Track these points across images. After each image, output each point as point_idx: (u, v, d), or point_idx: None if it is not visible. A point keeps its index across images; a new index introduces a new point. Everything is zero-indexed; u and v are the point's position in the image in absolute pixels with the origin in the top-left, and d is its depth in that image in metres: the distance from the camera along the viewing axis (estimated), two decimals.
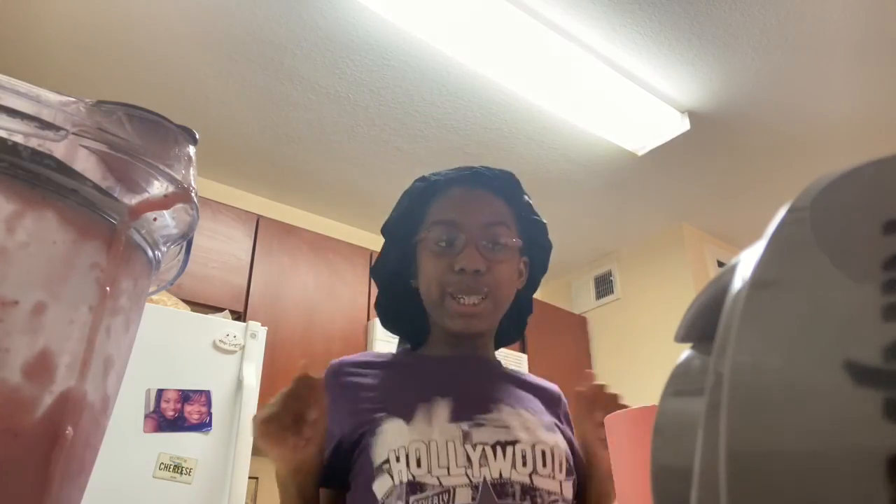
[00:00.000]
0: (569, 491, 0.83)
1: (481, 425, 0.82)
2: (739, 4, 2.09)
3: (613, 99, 2.45)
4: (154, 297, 1.91)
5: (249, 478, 1.95)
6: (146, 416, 1.82)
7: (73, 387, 0.31)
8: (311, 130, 2.66)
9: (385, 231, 0.98)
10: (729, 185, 3.08)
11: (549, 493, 0.80)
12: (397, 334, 1.03)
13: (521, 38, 2.17)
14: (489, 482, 0.77)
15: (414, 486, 0.76)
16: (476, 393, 0.88)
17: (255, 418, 0.76)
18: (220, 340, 2.03)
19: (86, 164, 0.33)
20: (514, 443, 0.81)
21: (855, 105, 2.58)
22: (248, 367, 2.04)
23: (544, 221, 1.00)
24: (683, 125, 2.60)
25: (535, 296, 1.06)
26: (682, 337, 0.23)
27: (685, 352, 0.24)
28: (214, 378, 1.96)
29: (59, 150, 0.32)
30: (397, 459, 0.78)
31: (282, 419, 0.75)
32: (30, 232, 0.31)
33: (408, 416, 0.81)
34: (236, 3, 2.08)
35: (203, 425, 1.89)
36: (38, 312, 0.30)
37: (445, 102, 2.53)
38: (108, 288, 0.33)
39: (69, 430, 0.31)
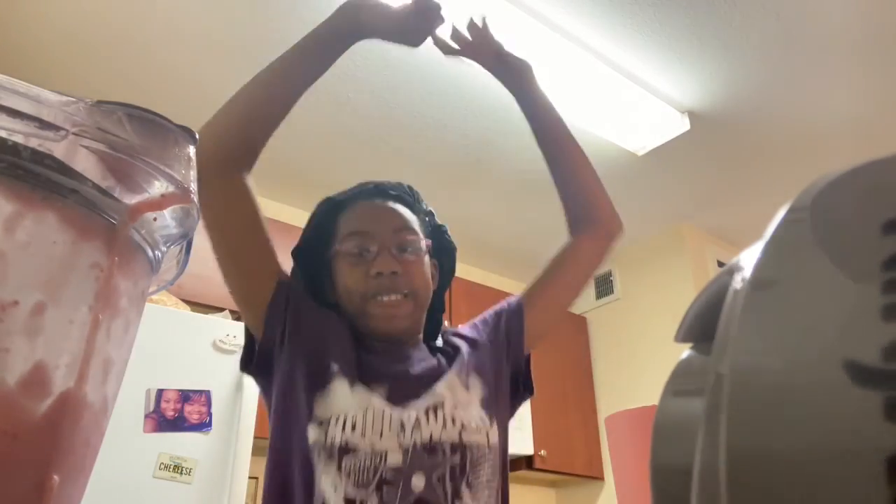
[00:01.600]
0: (494, 437, 0.88)
1: (417, 398, 0.86)
2: (739, 4, 2.09)
3: (613, 99, 2.45)
4: (154, 297, 1.91)
5: (249, 478, 1.95)
6: (146, 416, 1.82)
7: (72, 387, 0.31)
8: (310, 130, 2.66)
9: (295, 254, 1.02)
10: (729, 185, 3.08)
11: (478, 446, 0.85)
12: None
13: (521, 38, 2.17)
14: (419, 445, 0.82)
15: (346, 448, 0.80)
16: (406, 381, 0.90)
17: None
18: (220, 340, 2.03)
19: (86, 164, 0.33)
20: (443, 405, 0.86)
21: (855, 105, 2.58)
22: None
23: (443, 225, 1.07)
24: (683, 125, 2.60)
25: None
26: (682, 337, 0.23)
27: (685, 352, 0.24)
28: (214, 378, 1.96)
29: (59, 150, 0.32)
30: (336, 422, 0.82)
31: None
32: (30, 232, 0.31)
33: (352, 381, 0.85)
34: (236, 4, 2.08)
35: (203, 425, 1.89)
36: (37, 313, 0.30)
37: (445, 102, 2.53)
38: (108, 288, 0.33)
39: (56, 479, 0.30)
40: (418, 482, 0.80)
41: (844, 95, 2.52)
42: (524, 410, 3.07)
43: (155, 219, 0.37)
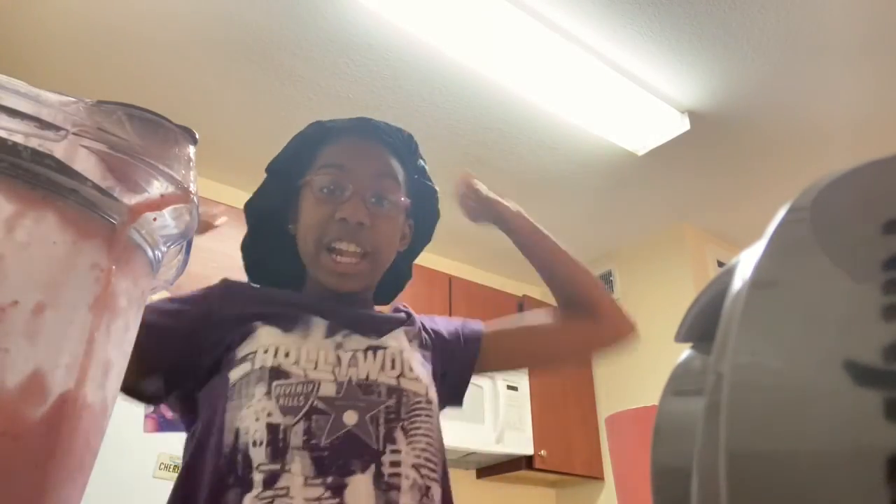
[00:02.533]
0: (434, 394, 0.83)
1: (353, 334, 0.81)
2: (739, 4, 2.09)
3: (613, 99, 2.45)
4: (154, 297, 1.90)
5: None
6: (146, 416, 1.81)
7: (72, 388, 0.31)
8: None
9: (269, 169, 0.94)
10: (729, 185, 3.08)
11: (416, 394, 0.79)
12: (264, 281, 0.96)
13: (521, 37, 2.17)
14: (354, 382, 0.76)
15: (278, 373, 0.73)
16: (351, 317, 0.85)
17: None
18: None
19: (86, 164, 0.33)
20: (383, 348, 0.81)
21: (855, 105, 2.58)
22: None
23: (436, 188, 1.00)
24: (683, 125, 2.60)
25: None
26: (683, 337, 0.23)
27: (685, 352, 0.24)
28: None
29: (59, 150, 0.32)
30: (265, 352, 0.75)
31: None
32: (30, 232, 0.31)
33: (285, 327, 0.79)
34: (236, 4, 2.08)
35: None
36: (37, 313, 0.30)
37: (445, 102, 2.53)
38: (108, 288, 0.33)
39: (55, 479, 0.30)
40: (350, 417, 0.74)
41: (845, 96, 2.52)
42: (524, 410, 3.07)
43: (155, 219, 0.37)
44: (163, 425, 1.83)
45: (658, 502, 0.21)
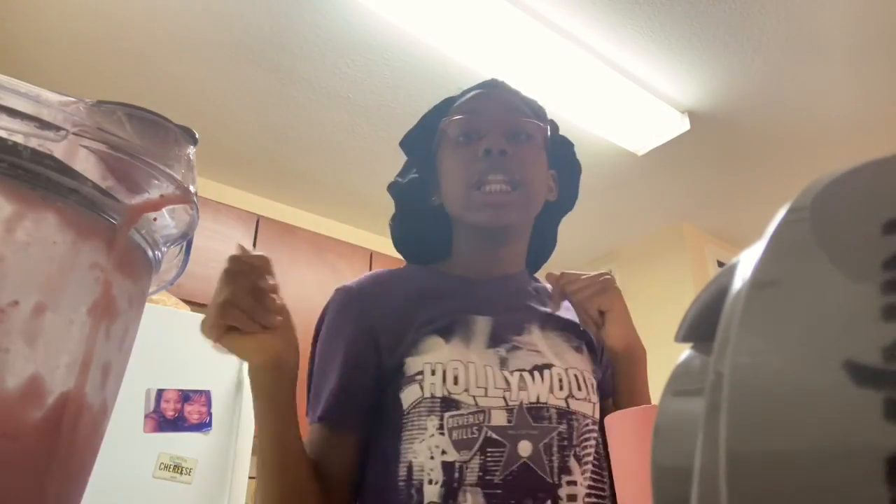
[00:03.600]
0: (598, 413, 0.80)
1: (517, 349, 0.78)
2: (739, 4, 2.09)
3: (613, 99, 2.45)
4: (154, 297, 1.91)
5: (249, 478, 1.95)
6: (146, 416, 1.82)
7: (72, 388, 0.31)
8: (311, 130, 2.66)
9: (404, 145, 0.93)
10: (729, 185, 3.08)
11: (584, 416, 0.76)
12: (411, 255, 0.95)
13: (521, 38, 2.17)
14: (525, 406, 0.73)
15: (449, 403, 0.71)
16: (508, 315, 0.81)
17: (207, 315, 0.63)
18: None
19: (86, 164, 0.33)
20: (549, 366, 0.77)
21: (855, 105, 2.58)
22: None
23: (572, 142, 0.95)
24: (683, 125, 2.60)
25: None
26: (683, 337, 0.23)
27: (685, 352, 0.24)
28: (214, 378, 1.96)
29: (59, 150, 0.32)
30: (432, 373, 0.72)
31: (240, 300, 0.62)
32: (30, 232, 0.31)
33: (446, 335, 0.76)
34: (236, 4, 2.08)
35: (203, 425, 1.89)
36: (37, 313, 0.30)
37: None
38: (108, 288, 0.33)
39: (54, 480, 0.30)
40: (525, 449, 0.70)
41: (845, 95, 2.52)
42: None
43: (155, 219, 0.37)
44: (163, 425, 1.83)
45: (658, 502, 0.21)
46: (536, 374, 0.76)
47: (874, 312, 0.15)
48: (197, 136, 0.37)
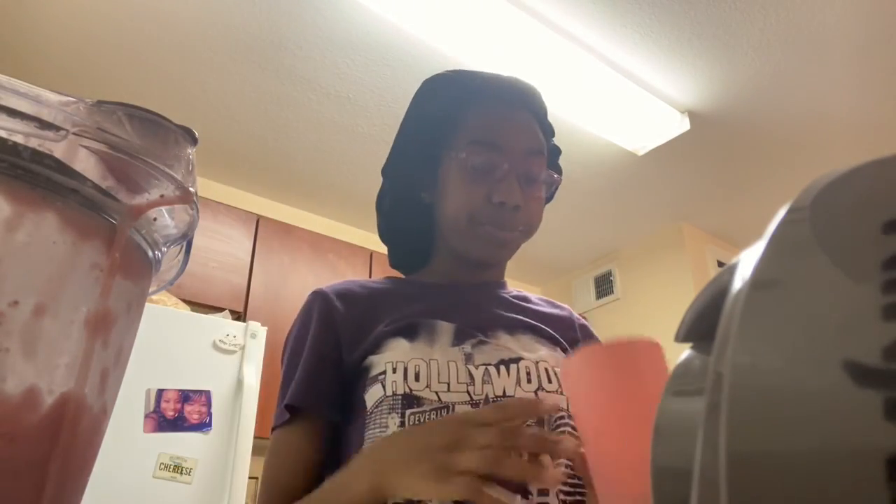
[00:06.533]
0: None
1: (484, 343, 0.77)
2: (739, 4, 2.09)
3: (613, 99, 2.45)
4: (154, 297, 1.91)
5: (249, 478, 1.95)
6: (146, 416, 1.82)
7: (72, 388, 0.31)
8: (311, 131, 2.66)
9: (404, 130, 0.91)
10: (729, 185, 3.08)
11: (557, 408, 0.73)
12: (394, 248, 0.94)
13: (522, 38, 2.17)
14: (490, 399, 0.71)
15: (411, 400, 0.70)
16: (477, 318, 0.81)
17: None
18: (220, 340, 2.03)
19: (86, 164, 0.33)
20: (517, 360, 0.76)
21: (855, 105, 2.58)
22: (248, 367, 2.04)
23: (560, 147, 0.95)
24: (683, 125, 2.60)
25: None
26: (683, 337, 0.23)
27: (685, 352, 0.24)
28: (214, 378, 1.96)
29: (59, 150, 0.32)
30: (393, 371, 0.72)
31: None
32: (30, 232, 0.31)
33: (410, 336, 0.76)
34: (236, 4, 2.08)
35: (203, 425, 1.89)
36: (37, 313, 0.30)
37: None
38: (107, 289, 0.33)
39: (53, 481, 0.30)
40: None
41: (844, 95, 2.52)
42: None
43: (155, 219, 0.37)
44: (163, 425, 1.83)
45: (658, 502, 0.21)
46: (503, 367, 0.75)
47: (874, 312, 0.15)
48: (197, 136, 0.37)
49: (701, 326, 0.22)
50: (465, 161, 0.81)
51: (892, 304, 0.15)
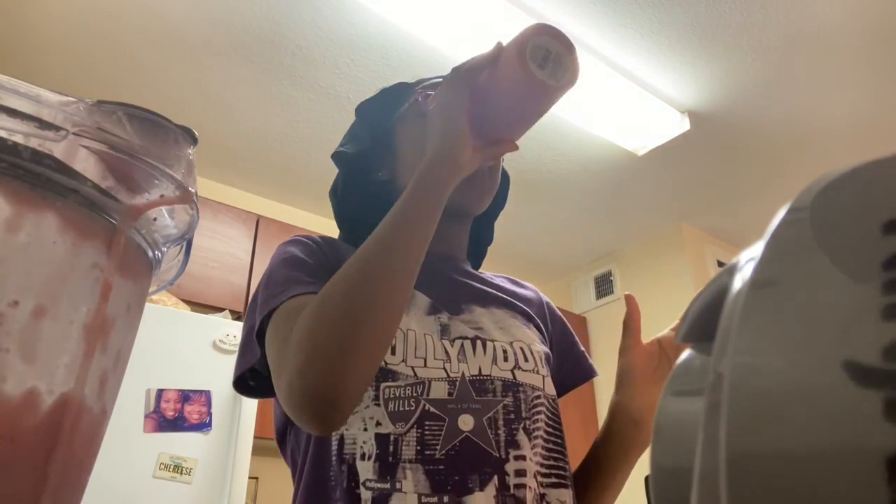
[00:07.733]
0: (550, 388, 0.77)
1: (458, 315, 0.76)
2: (739, 4, 2.09)
3: (613, 99, 2.45)
4: (154, 297, 1.91)
5: (249, 478, 1.95)
6: (146, 416, 1.82)
7: (72, 389, 0.31)
8: (311, 130, 2.66)
9: (359, 110, 0.90)
10: (729, 185, 3.08)
11: (533, 387, 0.73)
12: (354, 235, 0.87)
13: None
14: (467, 378, 0.70)
15: (385, 373, 0.68)
16: (450, 289, 0.80)
17: None
18: (220, 340, 2.03)
19: (86, 164, 0.33)
20: (492, 340, 0.75)
21: (855, 105, 2.58)
22: None
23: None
24: (683, 125, 2.60)
25: None
26: (683, 337, 0.23)
27: (685, 352, 0.24)
28: (214, 378, 1.96)
29: (59, 150, 0.32)
30: None
31: None
32: (29, 232, 0.31)
33: None
34: (236, 4, 2.08)
35: (203, 425, 1.89)
36: (37, 313, 0.30)
37: None
38: (107, 288, 0.33)
39: (53, 481, 0.30)
40: (466, 423, 0.67)
41: (844, 95, 2.52)
42: None
43: (155, 219, 0.37)
44: (163, 425, 1.83)
45: (658, 502, 0.21)
46: (479, 343, 0.73)
47: (874, 312, 0.15)
48: (197, 136, 0.37)
49: (701, 326, 0.22)
50: (421, 104, 0.80)
51: (892, 305, 0.15)
